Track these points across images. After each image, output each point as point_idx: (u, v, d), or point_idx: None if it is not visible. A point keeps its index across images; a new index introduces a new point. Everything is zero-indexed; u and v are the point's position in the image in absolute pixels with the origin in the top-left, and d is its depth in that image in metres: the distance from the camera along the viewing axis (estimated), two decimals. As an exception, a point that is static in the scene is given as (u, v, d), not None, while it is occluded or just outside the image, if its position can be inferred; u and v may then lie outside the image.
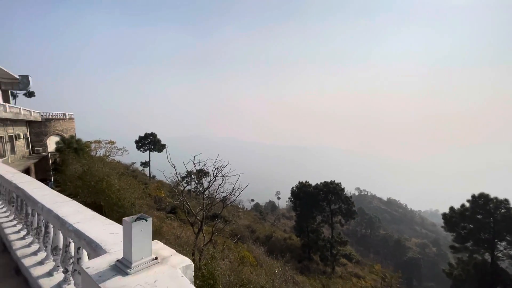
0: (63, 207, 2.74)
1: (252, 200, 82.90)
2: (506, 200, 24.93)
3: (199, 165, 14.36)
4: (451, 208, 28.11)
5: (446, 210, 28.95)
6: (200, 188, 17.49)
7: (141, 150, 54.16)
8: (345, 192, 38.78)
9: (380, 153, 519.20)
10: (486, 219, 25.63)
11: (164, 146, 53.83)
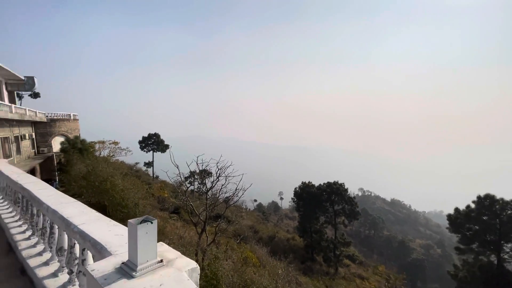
0: (68, 208, 2.75)
1: (255, 201, 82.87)
2: (513, 201, 24.61)
3: (202, 165, 14.37)
4: (456, 209, 27.80)
5: (450, 211, 28.62)
6: (203, 188, 17.51)
7: (144, 151, 54.53)
8: (348, 192, 38.59)
9: (381, 153, 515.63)
10: (492, 221, 25.32)
11: (167, 147, 54.14)
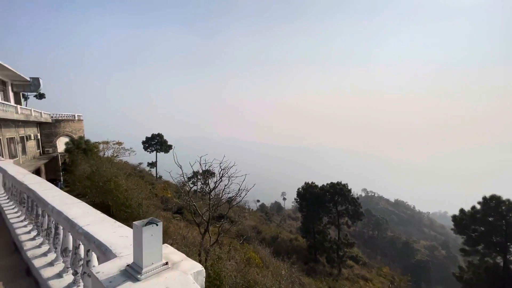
0: (73, 209, 2.75)
1: (258, 201, 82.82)
2: (519, 202, 24.26)
3: (205, 165, 14.38)
4: (461, 210, 27.47)
5: (453, 211, 28.31)
6: (206, 188, 17.53)
7: (148, 151, 54.81)
8: (351, 193, 38.38)
9: (382, 153, 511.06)
10: (498, 222, 24.97)
11: (170, 147, 54.35)
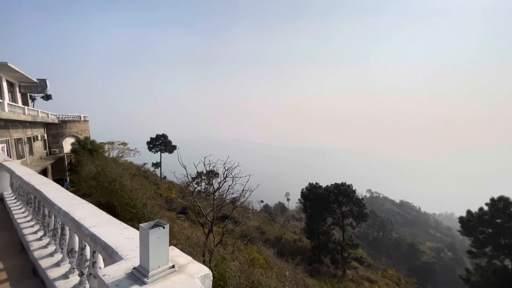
0: (79, 210, 2.75)
1: (262, 201, 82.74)
2: (528, 203, 23.83)
3: (209, 166, 14.39)
4: (469, 211, 27.05)
5: (461, 213, 27.91)
6: (210, 189, 17.54)
7: (152, 151, 55.17)
8: (356, 194, 38.12)
9: (385, 154, 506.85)
10: (506, 224, 24.52)
11: (175, 147, 54.63)
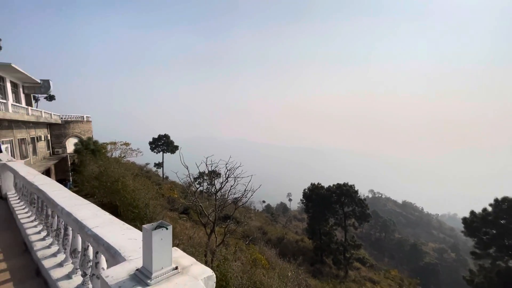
0: (82, 210, 2.75)
1: (263, 202, 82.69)
2: (532, 204, 23.62)
3: (211, 166, 14.38)
4: (472, 212, 26.84)
5: (465, 214, 27.71)
6: (212, 189, 17.53)
7: (154, 151, 55.33)
8: (358, 194, 37.98)
9: (386, 154, 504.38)
10: (510, 225, 24.31)
11: (177, 148, 54.75)
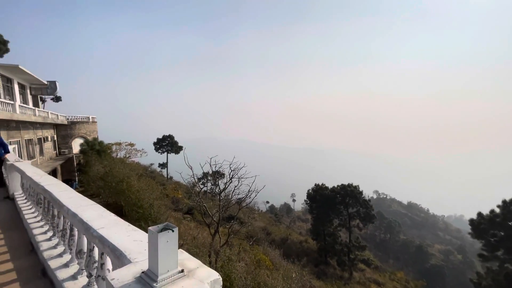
0: (87, 211, 2.75)
1: (267, 202, 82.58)
2: (542, 206, 23.16)
3: (215, 166, 14.40)
4: (480, 213, 26.41)
5: (471, 215, 27.29)
6: (216, 189, 17.54)
7: (159, 152, 55.66)
8: (363, 195, 37.69)
9: (388, 155, 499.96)
10: (519, 227, 23.95)
11: (181, 148, 55.03)
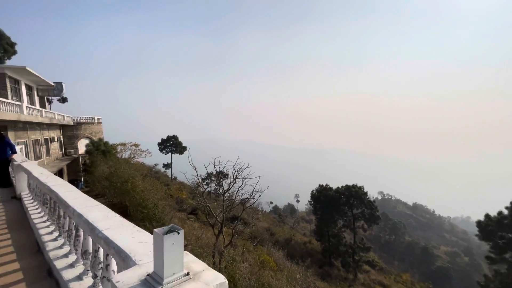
0: (93, 212, 2.76)
1: (271, 203, 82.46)
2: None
3: (219, 167, 14.41)
4: (487, 215, 25.99)
5: (479, 217, 26.85)
6: (220, 190, 17.56)
7: (163, 152, 55.99)
8: (368, 196, 37.39)
9: (388, 155, 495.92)
10: (528, 229, 23.50)
11: (185, 149, 55.29)
